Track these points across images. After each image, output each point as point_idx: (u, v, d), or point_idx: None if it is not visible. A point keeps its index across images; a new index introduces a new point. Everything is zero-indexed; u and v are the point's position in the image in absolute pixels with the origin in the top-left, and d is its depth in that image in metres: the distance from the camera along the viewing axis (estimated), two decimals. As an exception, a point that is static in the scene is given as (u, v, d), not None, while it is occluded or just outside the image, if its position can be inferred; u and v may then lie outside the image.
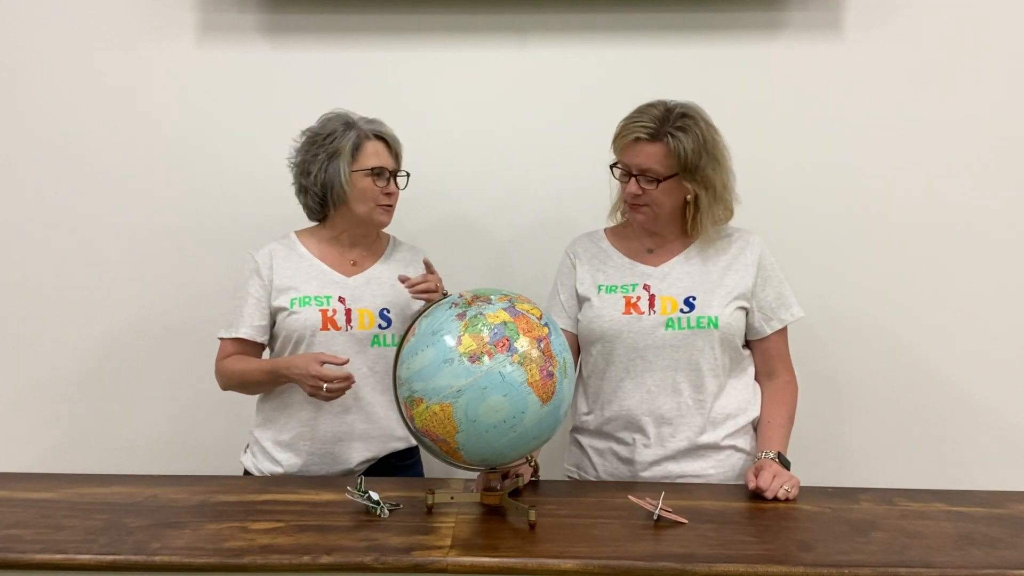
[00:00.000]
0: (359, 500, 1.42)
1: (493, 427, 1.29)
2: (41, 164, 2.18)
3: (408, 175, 1.83)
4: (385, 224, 1.81)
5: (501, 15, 2.11)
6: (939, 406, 2.16)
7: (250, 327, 1.75)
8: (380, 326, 1.76)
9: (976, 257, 2.12)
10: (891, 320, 2.15)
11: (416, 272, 1.83)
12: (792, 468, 1.59)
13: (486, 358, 1.28)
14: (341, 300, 1.75)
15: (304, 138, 1.79)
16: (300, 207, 1.82)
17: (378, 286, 1.80)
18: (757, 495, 1.50)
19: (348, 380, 1.61)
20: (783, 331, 1.71)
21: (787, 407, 1.69)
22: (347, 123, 1.76)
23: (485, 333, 1.30)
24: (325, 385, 1.59)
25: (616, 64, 2.11)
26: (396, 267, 1.83)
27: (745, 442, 1.69)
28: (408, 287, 1.68)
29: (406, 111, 2.13)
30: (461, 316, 1.33)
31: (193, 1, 2.12)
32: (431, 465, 1.93)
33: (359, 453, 1.76)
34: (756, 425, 1.71)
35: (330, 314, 1.73)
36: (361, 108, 1.83)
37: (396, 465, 1.81)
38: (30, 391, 2.24)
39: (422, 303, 1.80)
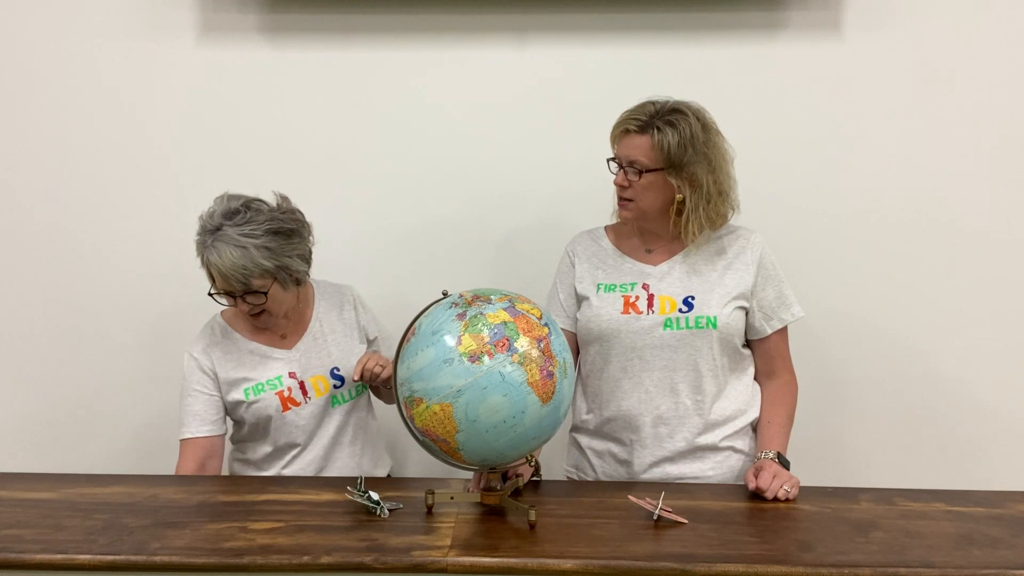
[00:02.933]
0: (359, 500, 1.41)
1: (493, 427, 1.29)
2: (40, 164, 2.18)
3: (265, 294, 1.65)
4: (269, 326, 1.76)
5: (501, 15, 2.10)
6: (939, 406, 2.16)
7: (202, 424, 1.74)
8: (335, 386, 1.78)
9: (976, 257, 2.12)
10: (891, 320, 2.15)
11: (346, 312, 1.85)
12: (792, 468, 1.59)
13: (486, 358, 1.28)
14: (292, 375, 1.76)
15: None
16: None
17: (320, 347, 1.80)
18: (757, 495, 1.50)
19: None
20: (783, 331, 1.71)
21: (787, 407, 1.69)
22: (205, 230, 1.64)
23: (485, 333, 1.30)
24: None
25: (616, 64, 2.10)
26: (329, 315, 1.84)
27: (744, 443, 1.69)
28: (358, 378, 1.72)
29: (406, 111, 2.14)
30: (461, 316, 1.33)
31: (193, 1, 2.12)
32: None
33: None
34: (755, 426, 1.71)
35: (287, 394, 1.75)
36: (361, 108, 1.82)
37: None
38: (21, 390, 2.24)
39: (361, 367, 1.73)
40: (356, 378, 1.72)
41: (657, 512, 1.38)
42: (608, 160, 1.68)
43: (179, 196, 2.17)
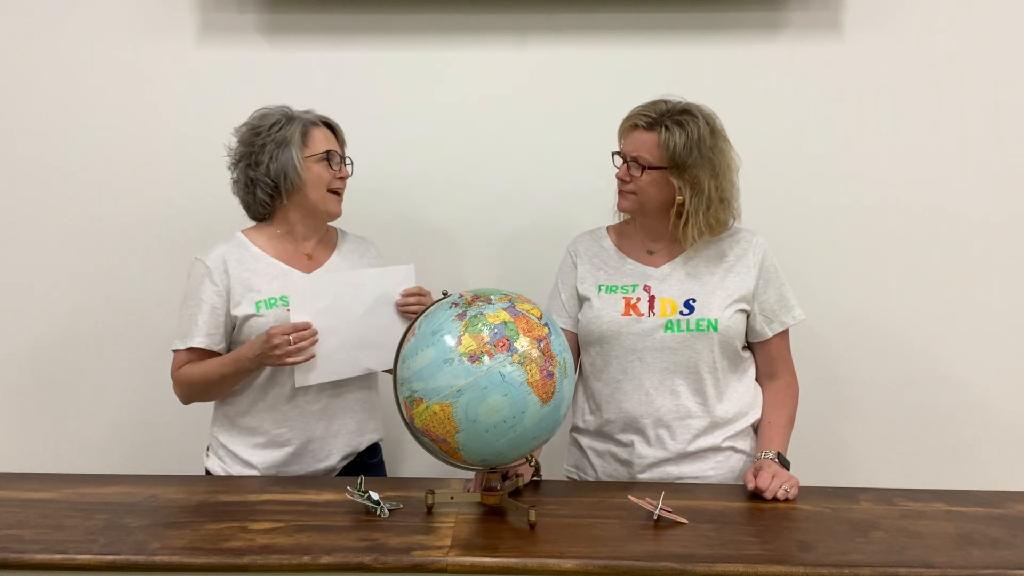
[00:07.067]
0: (359, 500, 1.41)
1: (493, 427, 1.29)
2: (40, 164, 2.18)
3: (352, 162, 1.80)
4: (337, 214, 1.77)
5: (501, 15, 2.11)
6: (939, 406, 2.16)
7: (206, 336, 1.68)
8: None
9: (975, 257, 2.12)
10: (891, 320, 2.15)
11: (369, 263, 1.83)
12: (792, 468, 1.59)
13: (486, 358, 1.28)
14: None
15: (244, 132, 1.75)
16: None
17: None
18: (757, 495, 1.50)
19: (307, 328, 1.60)
20: (785, 333, 1.71)
21: (787, 408, 1.69)
22: (286, 114, 1.73)
23: (485, 333, 1.30)
24: (290, 337, 1.58)
25: (616, 64, 2.11)
26: (350, 257, 1.82)
27: (745, 444, 1.69)
28: (400, 303, 1.69)
29: (406, 111, 2.14)
30: (461, 316, 1.33)
31: (193, 1, 2.13)
32: (392, 467, 1.97)
33: (339, 449, 1.74)
34: (756, 427, 1.71)
35: None
36: (361, 108, 1.83)
37: (366, 463, 1.81)
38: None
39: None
40: (401, 299, 1.70)
41: (657, 512, 1.38)
42: (613, 153, 1.68)
43: (180, 196, 2.18)
